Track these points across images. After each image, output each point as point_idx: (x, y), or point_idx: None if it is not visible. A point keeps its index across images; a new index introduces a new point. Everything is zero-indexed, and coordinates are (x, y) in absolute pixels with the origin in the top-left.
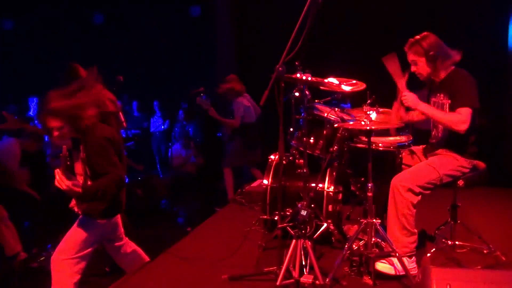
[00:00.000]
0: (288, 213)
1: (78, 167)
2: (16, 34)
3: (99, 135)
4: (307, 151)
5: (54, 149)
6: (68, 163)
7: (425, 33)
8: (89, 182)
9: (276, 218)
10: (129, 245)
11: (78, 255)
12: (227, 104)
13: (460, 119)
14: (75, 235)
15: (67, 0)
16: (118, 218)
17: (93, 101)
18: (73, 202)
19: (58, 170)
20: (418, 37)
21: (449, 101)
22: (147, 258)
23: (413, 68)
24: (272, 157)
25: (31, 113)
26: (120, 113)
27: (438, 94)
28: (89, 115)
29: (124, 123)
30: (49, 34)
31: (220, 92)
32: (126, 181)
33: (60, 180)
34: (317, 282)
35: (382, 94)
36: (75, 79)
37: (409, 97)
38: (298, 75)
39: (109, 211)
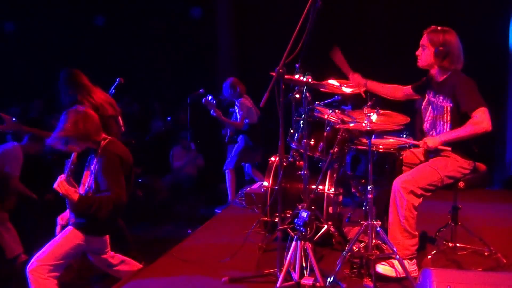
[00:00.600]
0: (289, 215)
1: (85, 178)
2: (17, 37)
3: (113, 152)
4: (308, 153)
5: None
6: (73, 167)
7: (448, 28)
8: (89, 194)
9: (276, 220)
10: (116, 258)
11: (56, 263)
12: (228, 106)
13: (477, 121)
14: (59, 245)
15: (68, 2)
16: (107, 236)
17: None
18: (61, 218)
19: (61, 175)
20: (440, 27)
21: (451, 104)
22: (138, 266)
23: (418, 52)
24: (272, 159)
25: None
26: (119, 117)
27: (437, 95)
28: (99, 136)
29: (123, 127)
30: (50, 36)
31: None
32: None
33: (60, 184)
34: (317, 284)
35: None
36: (76, 85)
37: (428, 142)
38: (299, 76)
39: (100, 228)
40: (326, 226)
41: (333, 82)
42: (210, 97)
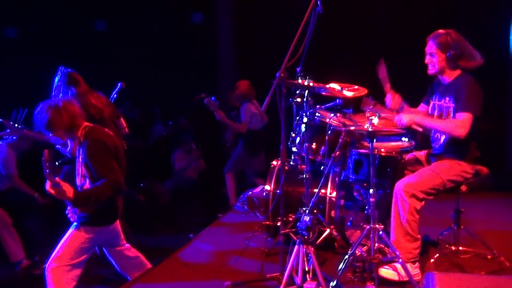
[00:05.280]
0: (291, 219)
1: (79, 168)
2: (18, 42)
3: (94, 139)
4: (309, 157)
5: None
6: (48, 164)
7: (450, 30)
8: (87, 185)
9: (278, 224)
10: (131, 251)
11: (72, 262)
12: (230, 109)
13: (457, 124)
14: (69, 242)
15: (70, 7)
16: (117, 225)
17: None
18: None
19: (47, 182)
20: (443, 31)
21: (453, 105)
22: (149, 265)
23: (427, 60)
24: (274, 162)
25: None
26: (122, 119)
27: (444, 98)
28: (82, 123)
29: (127, 129)
30: (51, 41)
31: (232, 98)
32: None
33: (51, 187)
34: None
35: (384, 99)
36: (73, 86)
37: (402, 117)
38: (300, 80)
39: (104, 218)
40: (328, 230)
41: (334, 85)
42: (213, 98)
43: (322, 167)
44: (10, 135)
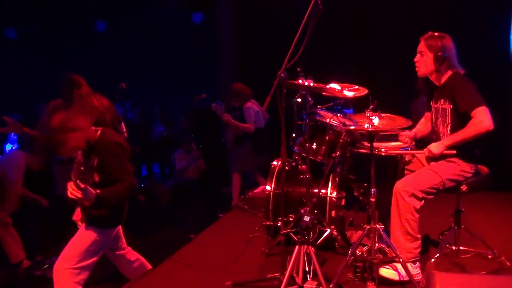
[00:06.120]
0: (291, 219)
1: (92, 173)
2: (19, 43)
3: (112, 141)
4: (310, 157)
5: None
6: (82, 168)
7: (444, 34)
8: (97, 190)
9: (279, 224)
10: (132, 254)
11: (80, 265)
12: (230, 110)
13: (476, 121)
14: (77, 244)
15: (70, 8)
16: (119, 227)
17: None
18: (76, 215)
19: (70, 183)
20: (437, 33)
21: (451, 106)
22: (149, 266)
23: (416, 58)
24: (274, 163)
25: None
26: (123, 124)
27: (439, 100)
28: (92, 130)
29: (126, 134)
30: (52, 42)
31: (233, 104)
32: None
33: (73, 191)
34: None
35: (385, 99)
36: (75, 89)
37: (432, 149)
38: (300, 81)
39: (113, 220)
40: (328, 230)
41: (334, 85)
42: (218, 103)
43: (323, 167)
44: (10, 131)
